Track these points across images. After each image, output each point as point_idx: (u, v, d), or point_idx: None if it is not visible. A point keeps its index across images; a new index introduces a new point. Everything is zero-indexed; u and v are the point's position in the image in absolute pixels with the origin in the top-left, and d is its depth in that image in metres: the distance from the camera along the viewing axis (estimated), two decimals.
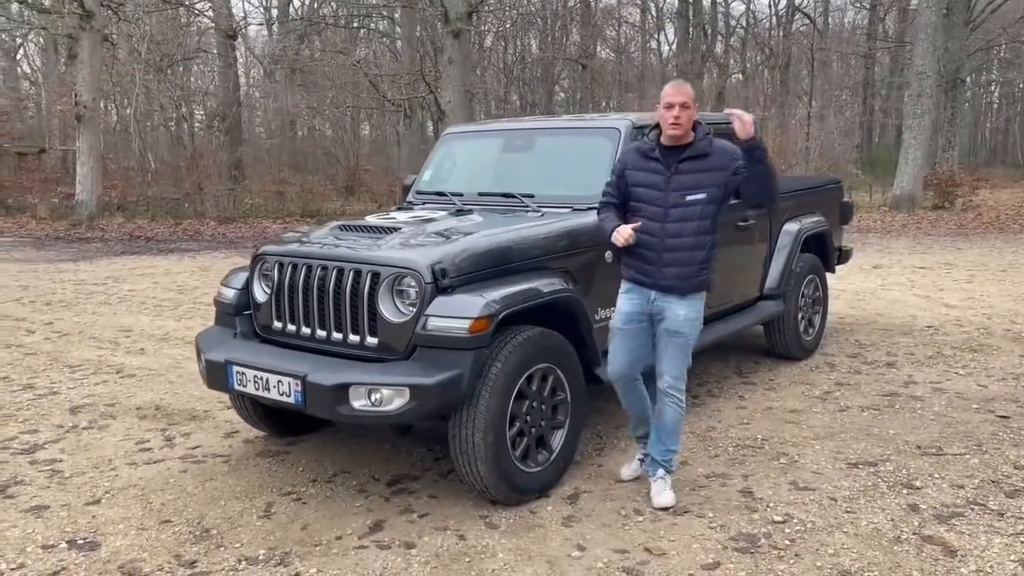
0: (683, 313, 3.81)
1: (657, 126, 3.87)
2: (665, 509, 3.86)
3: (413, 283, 3.79)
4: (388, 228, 4.31)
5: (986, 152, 43.98)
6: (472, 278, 3.91)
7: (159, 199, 19.91)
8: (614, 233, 3.78)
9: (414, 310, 3.78)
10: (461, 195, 5.18)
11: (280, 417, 4.76)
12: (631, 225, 3.77)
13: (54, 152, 25.30)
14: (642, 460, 4.15)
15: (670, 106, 3.69)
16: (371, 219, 4.66)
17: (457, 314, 3.68)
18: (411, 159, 23.81)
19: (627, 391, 4.02)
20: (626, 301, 3.92)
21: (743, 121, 3.65)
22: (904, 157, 18.54)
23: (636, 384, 4.02)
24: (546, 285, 4.08)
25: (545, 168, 5.13)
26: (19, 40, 33.31)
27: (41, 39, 30.82)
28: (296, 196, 20.66)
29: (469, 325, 3.65)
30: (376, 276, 3.86)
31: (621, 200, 3.92)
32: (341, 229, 4.46)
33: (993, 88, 43.91)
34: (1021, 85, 39.04)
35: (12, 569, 3.44)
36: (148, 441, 4.93)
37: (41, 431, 5.11)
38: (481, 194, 5.11)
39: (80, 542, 3.67)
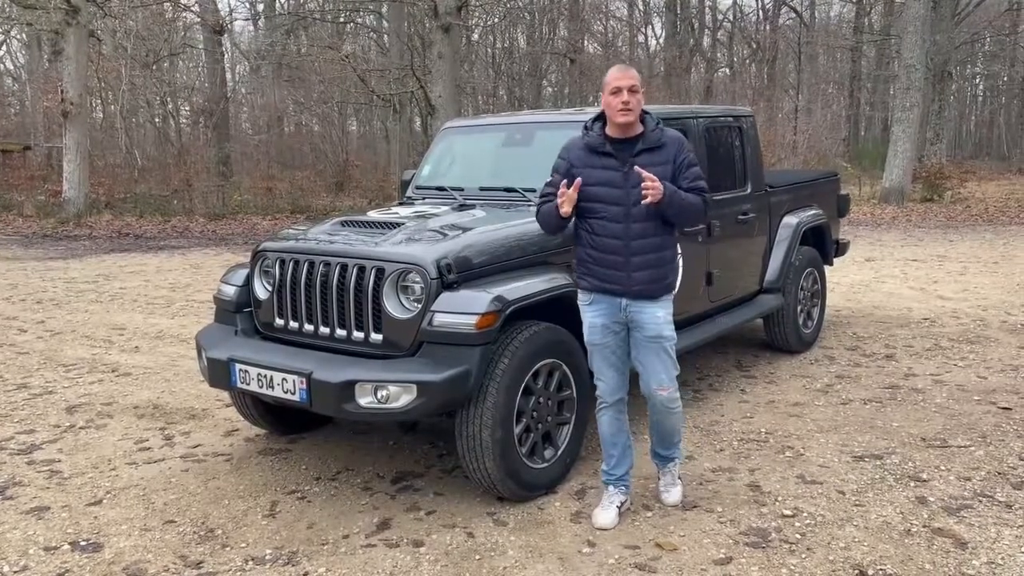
0: (661, 314, 3.58)
1: (599, 118, 3.62)
2: (681, 503, 3.83)
3: (418, 279, 3.76)
4: (390, 223, 4.27)
5: (971, 145, 44.20)
6: (477, 273, 3.88)
7: (147, 196, 19.74)
8: (559, 202, 3.47)
9: (419, 306, 3.74)
10: (461, 190, 5.13)
11: (281, 415, 4.72)
12: (571, 190, 3.45)
13: (39, 149, 25.08)
14: (620, 507, 3.73)
15: (617, 91, 3.41)
16: (373, 214, 4.62)
17: (464, 310, 3.65)
18: (401, 155, 23.72)
19: (617, 415, 3.75)
20: (595, 313, 3.64)
21: (654, 188, 3.34)
22: (893, 150, 18.60)
23: (625, 407, 3.78)
24: (551, 280, 4.05)
25: (547, 162, 5.07)
26: (1, 36, 32.97)
27: (24, 35, 30.53)
28: (285, 192, 20.53)
29: (476, 321, 3.61)
30: (380, 272, 3.82)
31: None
32: (342, 225, 4.41)
33: (978, 81, 44.13)
34: (1006, 78, 39.22)
35: (15, 572, 3.39)
36: (147, 440, 4.87)
37: (38, 431, 5.05)
38: (482, 189, 5.07)
39: (83, 543, 3.62)
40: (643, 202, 3.41)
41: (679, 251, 3.75)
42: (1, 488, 4.20)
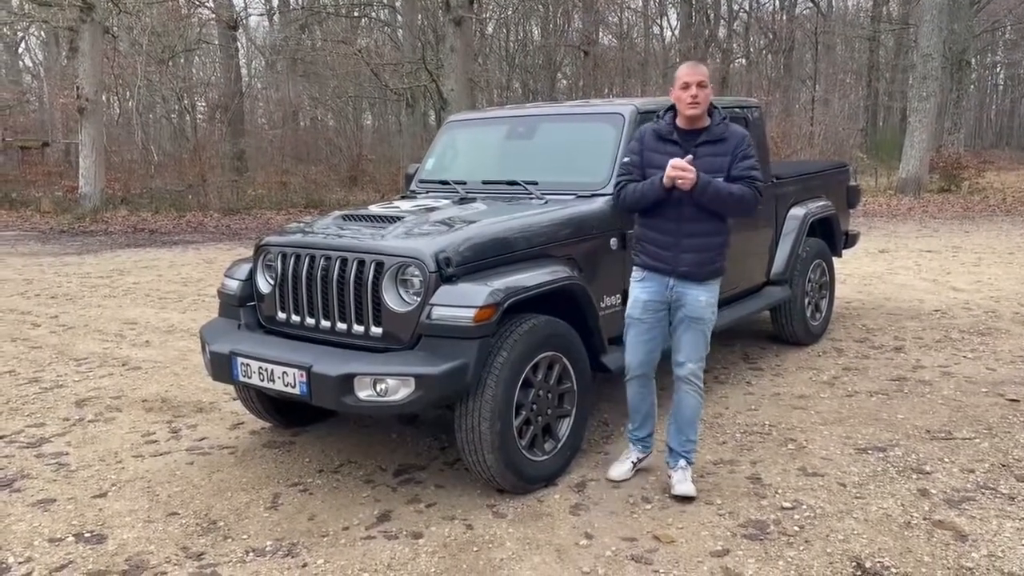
0: (704, 298, 3.77)
1: (671, 109, 3.81)
2: (688, 499, 3.80)
3: (417, 272, 3.76)
4: (391, 217, 4.29)
5: (991, 134, 43.76)
6: (476, 267, 3.88)
7: (162, 191, 19.90)
8: (668, 171, 3.57)
9: (418, 299, 3.75)
10: (464, 183, 5.14)
11: (285, 408, 4.75)
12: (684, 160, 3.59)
13: (57, 145, 25.35)
14: (636, 464, 4.06)
15: (686, 86, 3.65)
16: (374, 208, 4.64)
17: (462, 303, 3.66)
18: (414, 148, 23.73)
19: (641, 386, 3.98)
20: (642, 289, 3.85)
21: (684, 176, 3.55)
22: (909, 140, 18.44)
23: (650, 380, 3.99)
24: (551, 273, 4.05)
25: (549, 155, 5.09)
26: (20, 34, 33.27)
27: (42, 32, 30.81)
28: (299, 187, 20.65)
29: (474, 314, 3.62)
30: (380, 266, 3.83)
31: (641, 179, 3.80)
32: (344, 219, 4.44)
33: (998, 70, 43.63)
34: None
35: (20, 563, 3.44)
36: (154, 433, 4.92)
37: (47, 424, 5.11)
38: (485, 182, 5.07)
39: (87, 535, 3.66)
40: (667, 181, 3.58)
41: (729, 239, 3.86)
42: (9, 481, 4.26)
